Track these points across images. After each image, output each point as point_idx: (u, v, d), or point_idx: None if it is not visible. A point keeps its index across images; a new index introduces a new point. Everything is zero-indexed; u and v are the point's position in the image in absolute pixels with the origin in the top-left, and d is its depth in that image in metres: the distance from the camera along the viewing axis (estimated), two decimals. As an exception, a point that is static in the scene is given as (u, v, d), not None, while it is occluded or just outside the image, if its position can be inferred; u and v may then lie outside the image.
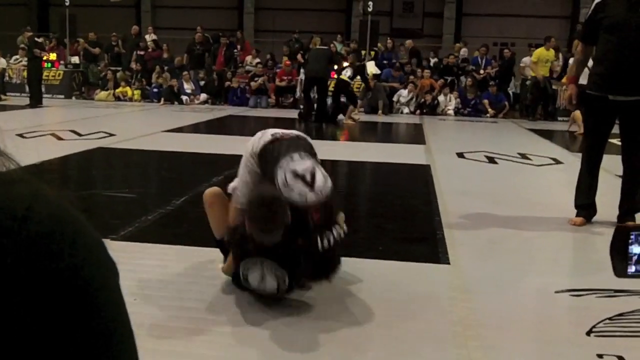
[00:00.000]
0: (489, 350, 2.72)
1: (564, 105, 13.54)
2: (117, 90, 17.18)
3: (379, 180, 7.52)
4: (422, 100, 16.00)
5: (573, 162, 7.24)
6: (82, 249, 0.43)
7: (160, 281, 3.33)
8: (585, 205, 5.01)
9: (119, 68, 17.95)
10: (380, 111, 15.40)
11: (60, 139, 9.03)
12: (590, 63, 5.28)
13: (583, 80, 5.24)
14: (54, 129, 9.77)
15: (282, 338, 2.78)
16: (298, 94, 16.40)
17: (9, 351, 0.38)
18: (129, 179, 6.77)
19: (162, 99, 16.51)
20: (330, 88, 14.17)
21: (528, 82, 15.40)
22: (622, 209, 4.97)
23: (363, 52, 16.79)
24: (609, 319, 3.06)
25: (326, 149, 9.92)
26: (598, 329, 2.93)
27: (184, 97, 16.61)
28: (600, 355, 2.66)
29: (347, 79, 13.87)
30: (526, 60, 15.66)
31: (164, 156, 8.17)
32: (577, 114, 10.34)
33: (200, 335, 2.77)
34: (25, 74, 15.89)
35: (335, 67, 13.89)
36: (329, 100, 14.00)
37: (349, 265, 3.73)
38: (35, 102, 14.17)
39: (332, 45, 15.62)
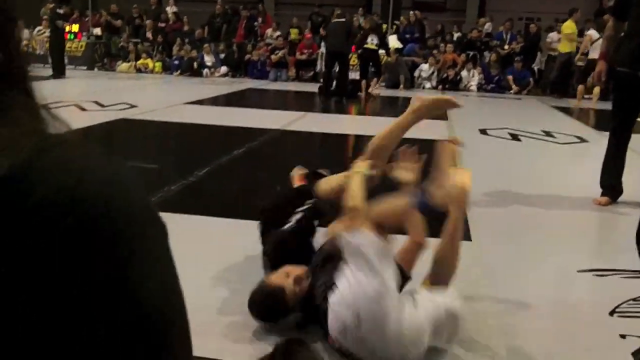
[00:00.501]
0: (508, 328, 2.70)
1: (593, 83, 13.31)
2: (138, 62, 17.21)
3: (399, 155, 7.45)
4: (445, 75, 15.84)
5: (598, 140, 7.14)
6: (133, 208, 0.44)
7: (183, 251, 3.34)
8: (611, 185, 4.94)
9: (140, 40, 17.95)
10: (401, 85, 15.29)
11: (83, 109, 9.07)
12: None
13: (593, 53, 5.15)
14: (77, 100, 9.80)
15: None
16: (318, 67, 16.32)
17: (54, 307, 0.39)
18: (151, 150, 6.80)
19: (179, 70, 16.52)
20: (353, 62, 14.08)
21: (556, 55, 15.01)
22: (648, 189, 4.91)
23: (385, 26, 16.62)
24: (633, 299, 3.02)
25: (346, 124, 9.91)
26: (621, 310, 2.89)
27: (204, 70, 16.59)
28: (623, 336, 2.63)
29: (374, 47, 13.68)
30: (553, 36, 15.38)
31: (185, 128, 8.18)
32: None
33: (222, 305, 2.78)
34: (47, 45, 15.91)
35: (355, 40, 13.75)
36: (354, 74, 13.90)
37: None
38: (58, 73, 14.22)
39: (354, 18, 15.47)
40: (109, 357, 0.41)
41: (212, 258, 3.38)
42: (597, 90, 13.17)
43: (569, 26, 14.45)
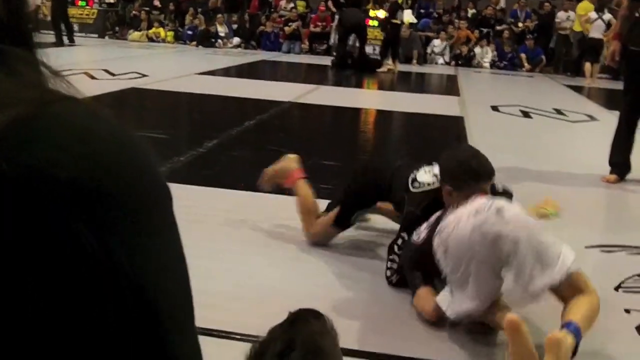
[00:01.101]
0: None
1: (607, 62, 13.28)
2: (150, 31, 17.15)
3: (411, 130, 7.47)
4: (458, 51, 15.74)
5: (609, 119, 7.10)
6: (141, 174, 0.42)
7: (188, 221, 3.37)
8: (620, 163, 4.94)
9: (149, 9, 17.84)
10: (414, 61, 15.21)
11: (93, 78, 9.08)
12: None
13: (596, 33, 5.11)
14: (87, 68, 9.81)
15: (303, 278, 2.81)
16: (332, 40, 16.23)
17: (57, 274, 0.37)
18: (161, 119, 6.81)
19: (194, 41, 16.47)
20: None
21: (568, 34, 14.93)
22: (658, 168, 4.90)
23: (400, 1, 16.47)
24: (639, 275, 3.04)
25: (361, 97, 9.90)
26: (627, 285, 2.91)
27: (217, 41, 16.54)
28: (627, 310, 2.66)
29: (399, 22, 13.56)
30: (561, 15, 15.24)
31: (196, 98, 8.18)
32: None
33: (230, 276, 2.81)
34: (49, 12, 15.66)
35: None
36: (373, 48, 13.83)
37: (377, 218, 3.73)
38: (60, 41, 13.94)
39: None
40: (110, 339, 0.39)
41: (219, 229, 3.41)
42: (588, 66, 13.62)
43: (582, 7, 14.37)
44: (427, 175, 2.85)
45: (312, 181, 4.38)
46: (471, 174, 2.59)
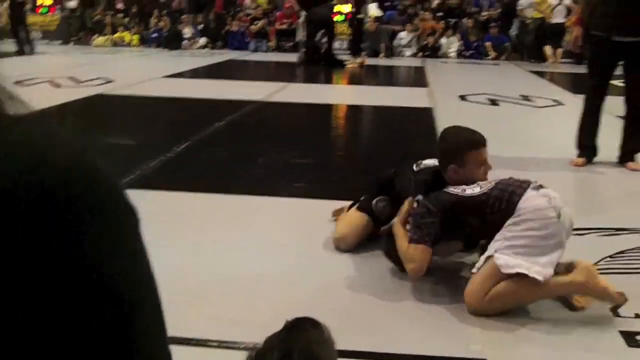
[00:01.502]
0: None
1: (569, 47, 13.53)
2: (114, 36, 16.98)
3: (381, 124, 7.50)
4: (425, 42, 15.82)
5: (574, 103, 7.19)
6: (99, 192, 0.42)
7: (163, 227, 3.35)
8: (587, 146, 5.02)
9: (113, 12, 17.67)
10: (382, 54, 15.25)
11: (58, 86, 8.97)
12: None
13: (558, 18, 5.19)
14: (51, 76, 9.69)
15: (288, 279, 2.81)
16: (298, 37, 16.19)
17: (17, 297, 0.38)
18: (129, 125, 6.76)
19: (160, 43, 16.35)
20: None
21: (529, 22, 15.18)
22: (623, 150, 4.99)
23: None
24: (610, 256, 3.09)
25: (330, 93, 9.90)
26: (599, 267, 2.95)
27: (183, 42, 16.43)
28: (600, 292, 2.69)
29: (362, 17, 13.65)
30: (523, 2, 15.43)
31: (164, 102, 8.13)
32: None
33: (210, 280, 2.81)
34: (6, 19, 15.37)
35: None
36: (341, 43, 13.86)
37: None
38: (22, 50, 13.72)
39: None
40: (75, 339, 0.40)
41: (193, 234, 3.40)
42: (548, 49, 14.26)
43: None
44: (430, 161, 3.00)
45: (286, 180, 4.40)
46: (468, 144, 2.79)
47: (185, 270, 2.83)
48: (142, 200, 3.69)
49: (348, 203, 3.50)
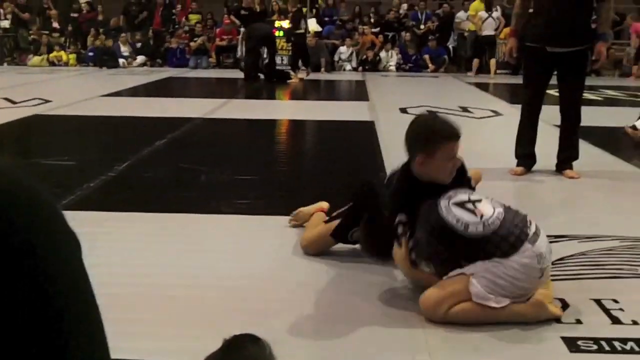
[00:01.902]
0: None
1: (505, 59, 13.94)
2: (51, 55, 16.64)
3: (324, 138, 7.53)
4: (364, 56, 16.00)
5: (512, 113, 7.37)
6: (37, 222, 0.41)
7: (106, 248, 3.29)
8: (526, 155, 5.13)
9: (49, 32, 17.31)
10: (322, 69, 15.35)
11: (-7, 107, 8.73)
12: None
13: (489, 30, 5.33)
14: (-14, 97, 9.42)
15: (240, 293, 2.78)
16: (239, 53, 16.17)
17: None
18: (67, 146, 6.60)
19: (98, 63, 16.08)
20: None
21: (467, 35, 15.56)
22: (560, 158, 5.12)
23: (304, 9, 16.62)
24: (551, 263, 3.16)
25: (272, 108, 9.90)
26: (541, 274, 3.02)
27: (121, 60, 16.20)
28: (542, 299, 2.75)
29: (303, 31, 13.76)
30: (461, 15, 15.80)
31: (104, 121, 7.99)
32: None
33: (154, 301, 2.76)
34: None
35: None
36: (281, 59, 13.91)
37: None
38: None
39: (272, 1, 15.42)
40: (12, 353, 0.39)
41: (136, 255, 3.33)
42: (476, 62, 14.73)
43: (473, 7, 15.10)
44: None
45: (228, 197, 4.37)
46: (441, 134, 2.62)
47: (128, 290, 2.78)
48: (84, 221, 3.61)
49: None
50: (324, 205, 3.70)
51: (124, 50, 16.40)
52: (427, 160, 2.60)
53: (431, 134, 2.62)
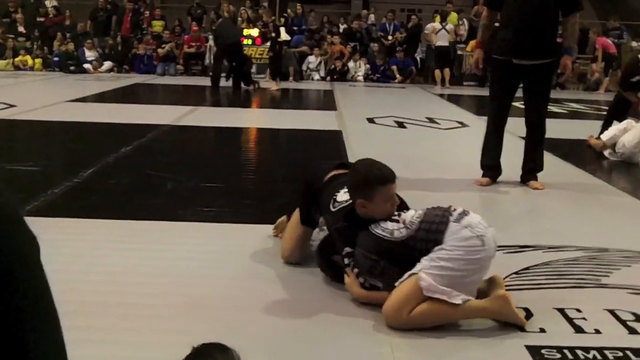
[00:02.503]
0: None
1: (471, 70, 14.18)
2: (16, 59, 16.40)
3: (292, 147, 7.53)
4: (333, 66, 16.06)
5: (478, 124, 7.46)
6: (3, 222, 0.41)
7: (70, 255, 3.23)
8: (491, 166, 5.19)
9: (14, 36, 17.07)
10: (291, 78, 15.37)
11: (-45, 111, 8.56)
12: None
13: (442, 41, 5.39)
14: (-53, 101, 9.24)
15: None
16: (207, 60, 16.13)
17: None
18: (32, 151, 6.51)
19: (63, 68, 15.88)
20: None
21: (434, 47, 15.75)
22: (525, 169, 5.19)
23: (273, 18, 16.63)
24: (515, 273, 3.19)
25: (240, 116, 9.87)
26: (506, 284, 3.03)
27: (87, 66, 16.01)
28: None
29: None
30: (430, 27, 15.99)
31: (69, 127, 7.89)
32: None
33: (119, 309, 2.72)
34: None
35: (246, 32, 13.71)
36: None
37: (265, 231, 3.73)
38: None
39: (242, 10, 15.43)
40: None
41: (101, 261, 3.29)
42: (437, 73, 15.16)
43: (452, 19, 15.39)
44: (344, 195, 2.97)
45: (194, 205, 4.33)
46: (377, 180, 2.78)
47: (92, 297, 2.73)
48: (47, 227, 3.55)
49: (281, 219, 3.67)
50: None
51: (90, 55, 16.21)
52: (367, 203, 2.78)
53: (368, 180, 2.79)
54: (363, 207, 2.78)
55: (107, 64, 16.32)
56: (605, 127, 7.03)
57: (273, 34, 14.06)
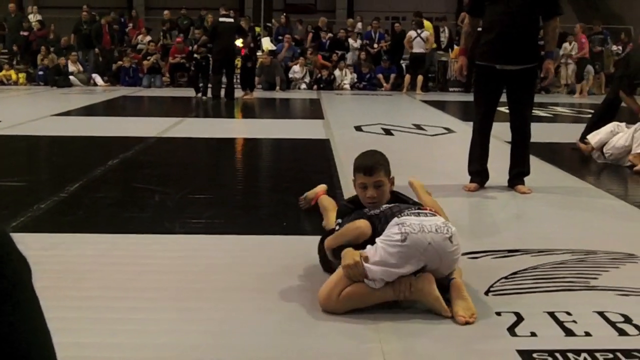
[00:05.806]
0: (392, 311, 2.77)
1: (455, 76, 14.26)
2: (0, 74, 16.33)
3: (280, 156, 7.53)
4: (319, 75, 16.09)
5: (465, 130, 7.49)
6: None
7: (58, 271, 3.21)
8: (478, 172, 5.20)
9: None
10: (277, 87, 15.38)
11: (-61, 127, 8.50)
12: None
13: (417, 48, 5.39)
14: None
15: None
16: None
17: None
18: (17, 166, 6.46)
19: (50, 82, 15.83)
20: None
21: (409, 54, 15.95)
22: (512, 174, 5.21)
23: (257, 29, 16.67)
24: (505, 278, 3.20)
25: (227, 127, 9.86)
26: (495, 288, 3.05)
27: (99, 82, 16.06)
28: (498, 313, 2.77)
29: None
30: (412, 34, 16.08)
31: (55, 141, 7.85)
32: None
33: (107, 325, 2.70)
34: None
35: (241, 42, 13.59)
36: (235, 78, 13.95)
37: (254, 241, 3.72)
38: None
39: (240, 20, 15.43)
40: None
41: (88, 276, 3.27)
42: (407, 78, 15.68)
43: (428, 26, 15.55)
44: None
45: (182, 217, 4.31)
46: (355, 166, 3.21)
47: (80, 313, 2.71)
48: (34, 243, 3.52)
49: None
50: (323, 187, 4.43)
51: (73, 69, 16.18)
52: (354, 183, 3.24)
53: (354, 163, 3.23)
54: (354, 185, 3.23)
55: (98, 78, 16.29)
56: (589, 130, 7.04)
57: (251, 45, 14.05)
